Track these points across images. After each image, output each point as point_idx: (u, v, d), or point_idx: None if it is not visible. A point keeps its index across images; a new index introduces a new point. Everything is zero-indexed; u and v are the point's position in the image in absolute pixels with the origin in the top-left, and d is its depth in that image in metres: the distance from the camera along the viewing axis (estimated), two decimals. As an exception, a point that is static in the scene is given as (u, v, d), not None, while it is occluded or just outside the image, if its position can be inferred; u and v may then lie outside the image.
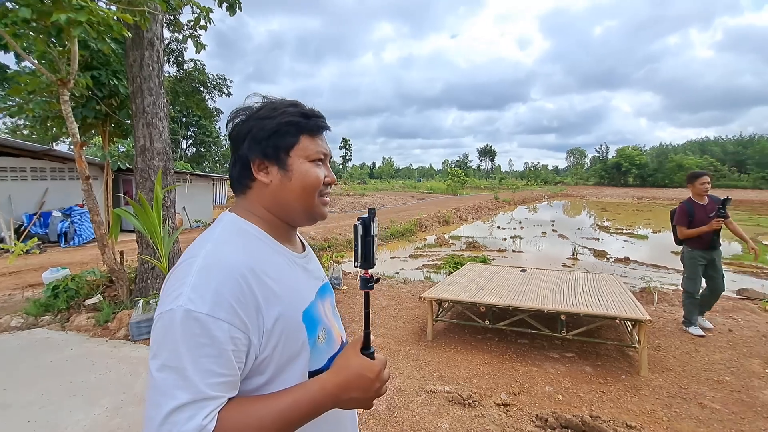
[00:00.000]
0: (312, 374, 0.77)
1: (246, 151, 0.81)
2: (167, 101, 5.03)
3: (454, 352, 3.76)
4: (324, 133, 0.88)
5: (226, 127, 0.87)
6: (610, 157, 71.23)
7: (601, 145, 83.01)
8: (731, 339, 4.14)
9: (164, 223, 4.27)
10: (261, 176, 0.81)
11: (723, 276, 4.28)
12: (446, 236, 13.57)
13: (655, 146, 79.78)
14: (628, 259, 10.41)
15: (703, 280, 4.32)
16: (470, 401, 2.83)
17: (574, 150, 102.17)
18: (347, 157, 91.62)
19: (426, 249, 11.54)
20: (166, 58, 12.19)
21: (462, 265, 6.59)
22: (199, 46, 4.93)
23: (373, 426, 2.60)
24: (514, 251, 11.58)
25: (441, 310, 4.29)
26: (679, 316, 4.58)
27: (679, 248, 4.53)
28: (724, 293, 4.52)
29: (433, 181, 63.51)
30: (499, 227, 17.15)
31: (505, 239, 13.66)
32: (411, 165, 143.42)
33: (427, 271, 8.55)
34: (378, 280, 0.84)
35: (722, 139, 76.56)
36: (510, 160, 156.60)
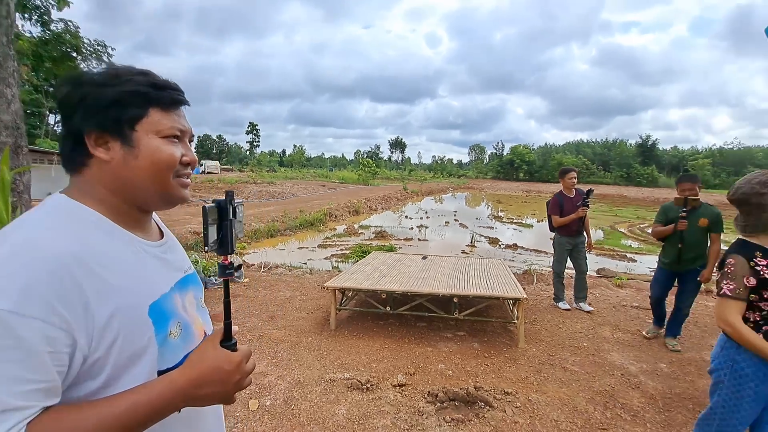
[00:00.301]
0: (163, 373, 0.70)
1: (79, 122, 0.69)
2: (28, 66, 4.17)
3: (357, 339, 3.82)
4: (183, 108, 0.79)
5: (55, 94, 0.74)
6: (505, 153, 78.82)
7: (498, 143, 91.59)
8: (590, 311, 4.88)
9: (14, 211, 3.55)
10: (99, 152, 0.70)
11: (585, 258, 4.99)
12: (356, 226, 13.72)
13: (542, 146, 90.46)
14: (516, 245, 11.65)
15: (570, 263, 5.00)
16: (368, 385, 2.91)
17: (476, 146, 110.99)
18: (255, 143, 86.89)
19: (335, 239, 11.52)
20: (27, 16, 10.10)
21: (369, 254, 6.72)
22: (62, 3, 4.15)
23: (268, 421, 2.52)
24: (420, 240, 12.17)
25: (345, 298, 4.33)
26: (553, 294, 5.26)
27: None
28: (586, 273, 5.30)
29: (345, 170, 63.56)
30: (407, 217, 17.87)
31: (412, 228, 14.28)
32: (323, 154, 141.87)
33: (336, 261, 8.56)
34: (239, 266, 0.78)
35: (592, 142, 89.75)
36: (419, 152, 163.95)
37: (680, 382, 3.25)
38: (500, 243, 12.09)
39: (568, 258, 4.91)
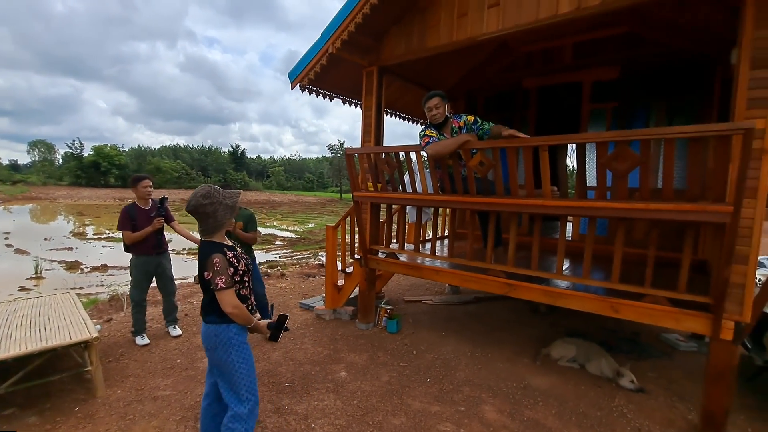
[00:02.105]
0: None
1: None
2: None
3: None
4: None
5: None
6: (86, 154, 64.87)
7: (74, 141, 72.98)
8: (185, 322, 4.85)
9: None
10: None
11: (172, 278, 4.48)
12: None
13: (134, 147, 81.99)
14: (105, 266, 9.97)
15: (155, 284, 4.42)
16: None
17: (39, 142, 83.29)
18: None
19: None
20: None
21: None
22: None
23: None
24: (-70, 286, 7.86)
25: None
26: (149, 316, 4.64)
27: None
28: (187, 280, 5.11)
29: None
30: None
31: None
32: None
33: None
34: None
35: (190, 147, 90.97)
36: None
37: (260, 362, 3.82)
38: (83, 266, 9.95)
39: (154, 280, 4.37)
